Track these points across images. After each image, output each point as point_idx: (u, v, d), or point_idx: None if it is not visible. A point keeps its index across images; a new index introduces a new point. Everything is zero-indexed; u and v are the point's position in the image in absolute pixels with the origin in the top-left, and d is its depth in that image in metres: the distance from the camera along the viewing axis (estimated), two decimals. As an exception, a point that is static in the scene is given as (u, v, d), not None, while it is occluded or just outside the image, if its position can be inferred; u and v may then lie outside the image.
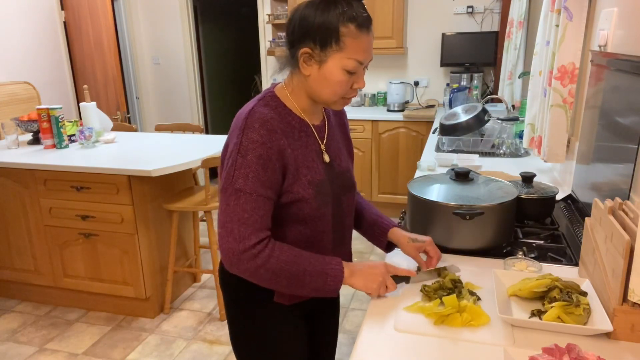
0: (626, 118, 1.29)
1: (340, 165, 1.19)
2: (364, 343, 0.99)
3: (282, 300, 1.17)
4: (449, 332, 1.01)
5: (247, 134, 1.01)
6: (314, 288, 1.06)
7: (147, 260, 2.67)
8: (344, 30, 0.99)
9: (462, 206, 1.30)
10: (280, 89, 1.12)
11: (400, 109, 4.15)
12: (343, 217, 1.21)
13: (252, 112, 1.04)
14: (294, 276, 1.03)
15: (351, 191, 1.23)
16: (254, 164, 1.00)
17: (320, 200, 1.10)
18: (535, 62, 2.11)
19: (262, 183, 1.01)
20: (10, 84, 3.63)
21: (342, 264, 1.08)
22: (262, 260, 1.01)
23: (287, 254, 1.04)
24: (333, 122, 1.23)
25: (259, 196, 1.01)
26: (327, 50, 1.01)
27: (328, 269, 1.06)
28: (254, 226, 1.00)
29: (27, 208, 2.76)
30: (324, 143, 1.16)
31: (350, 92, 1.07)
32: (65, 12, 4.16)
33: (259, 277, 1.03)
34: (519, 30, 3.26)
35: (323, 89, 1.05)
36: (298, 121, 1.10)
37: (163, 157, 2.61)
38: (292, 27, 1.05)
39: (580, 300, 1.01)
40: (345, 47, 1.00)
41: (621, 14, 1.45)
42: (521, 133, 2.55)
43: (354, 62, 1.02)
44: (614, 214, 1.06)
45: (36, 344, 2.58)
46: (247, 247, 1.00)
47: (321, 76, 1.04)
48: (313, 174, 1.10)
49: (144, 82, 5.12)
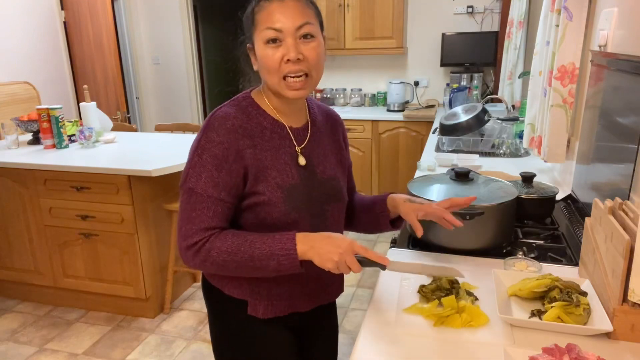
0: (626, 118, 1.29)
1: (323, 172, 1.14)
2: (364, 344, 0.99)
3: (255, 313, 1.13)
4: (449, 333, 1.01)
5: (206, 134, 1.01)
6: (272, 270, 1.00)
7: (147, 260, 2.67)
8: (256, 9, 1.02)
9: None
10: (256, 92, 1.12)
11: (400, 109, 4.15)
12: (326, 227, 1.14)
13: (216, 113, 1.05)
14: (242, 264, 1.00)
15: (337, 201, 1.17)
16: (209, 164, 1.00)
17: (290, 205, 1.06)
18: (535, 62, 2.11)
19: (215, 184, 1.00)
20: (10, 84, 3.63)
21: (294, 240, 0.99)
22: (203, 256, 1.00)
23: (229, 243, 1.00)
24: (321, 128, 1.18)
25: (209, 197, 1.00)
26: (252, 35, 1.04)
27: (277, 249, 0.98)
28: (200, 225, 1.00)
29: (27, 208, 2.76)
30: (303, 146, 1.12)
31: (285, 67, 1.00)
32: (65, 12, 4.16)
33: (208, 270, 1.05)
34: (519, 30, 3.26)
35: (265, 74, 1.04)
36: (271, 122, 1.08)
37: (163, 157, 2.61)
38: None
39: (580, 300, 1.01)
40: (259, 22, 1.01)
41: (621, 14, 1.45)
42: (521, 133, 2.55)
43: (268, 30, 1.00)
44: (614, 214, 1.05)
45: (36, 344, 2.58)
46: (189, 244, 1.01)
47: (259, 63, 1.04)
48: (283, 177, 1.06)
49: (144, 82, 5.12)
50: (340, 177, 1.19)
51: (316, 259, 0.98)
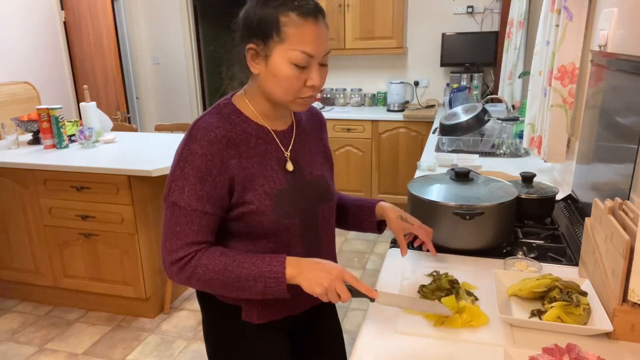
0: (626, 118, 1.29)
1: (311, 173, 1.11)
2: (364, 344, 0.99)
3: (249, 318, 1.11)
4: (449, 333, 1.01)
5: (188, 145, 0.98)
6: (258, 292, 0.98)
7: (147, 260, 2.67)
8: (284, 20, 0.93)
9: (462, 206, 1.30)
10: (238, 96, 1.08)
11: (400, 109, 4.15)
12: (317, 229, 1.13)
13: (197, 123, 1.01)
14: (228, 283, 0.98)
15: (327, 201, 1.14)
16: (192, 177, 0.97)
17: (281, 212, 1.03)
18: (535, 62, 2.11)
19: (199, 197, 0.97)
20: (10, 84, 3.63)
21: (284, 264, 0.97)
22: (188, 272, 0.98)
23: (217, 260, 0.98)
24: (306, 127, 1.16)
25: (192, 210, 0.97)
26: (269, 43, 0.95)
27: (266, 272, 0.97)
28: (184, 240, 0.98)
29: (27, 208, 2.76)
30: (289, 150, 1.09)
31: (305, 90, 0.98)
32: (65, 12, 4.16)
33: (194, 287, 1.02)
34: (519, 30, 3.27)
35: (274, 87, 0.98)
36: (255, 128, 1.04)
37: (163, 157, 2.61)
38: (237, 25, 1.01)
39: (580, 300, 1.01)
40: (288, 38, 0.93)
41: (621, 14, 1.45)
42: (521, 133, 2.55)
43: (300, 54, 0.94)
44: (614, 214, 1.06)
45: (36, 344, 2.58)
46: (174, 260, 0.98)
47: (269, 73, 0.97)
48: (270, 184, 1.03)
49: (144, 82, 5.12)
50: (328, 176, 1.18)
51: (305, 284, 0.96)
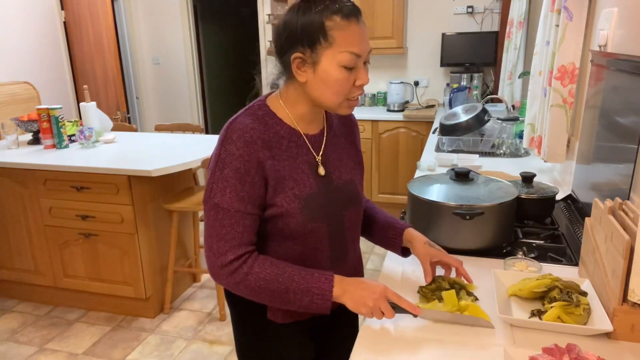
0: (626, 118, 1.29)
1: (340, 177, 1.12)
2: (363, 344, 0.99)
3: (274, 318, 1.12)
4: (449, 333, 1.01)
5: (225, 147, 0.99)
6: (301, 306, 1.00)
7: (147, 260, 2.67)
8: (329, 24, 0.94)
9: (462, 206, 1.30)
10: (273, 98, 1.08)
11: (400, 109, 4.15)
12: (344, 233, 1.13)
13: (232, 123, 1.01)
14: (276, 294, 0.99)
15: (355, 205, 1.15)
16: (232, 178, 0.97)
17: (308, 215, 1.04)
18: (535, 62, 2.11)
19: (241, 198, 0.98)
20: (10, 84, 3.63)
21: (332, 282, 1.00)
22: (240, 277, 0.99)
23: (269, 270, 0.99)
24: (337, 131, 1.16)
25: (236, 212, 0.98)
26: (317, 49, 0.95)
27: (314, 287, 0.99)
28: (232, 242, 0.98)
29: (27, 208, 2.76)
30: (320, 154, 1.09)
31: (354, 90, 1.00)
32: (65, 12, 4.16)
33: (240, 292, 1.02)
34: (519, 30, 3.27)
35: (324, 92, 0.99)
36: (288, 131, 1.05)
37: (163, 157, 2.61)
38: (277, 35, 1.00)
39: (581, 300, 1.01)
40: (335, 41, 0.94)
41: (621, 14, 1.45)
42: (521, 133, 2.55)
43: (349, 54, 0.95)
44: (614, 214, 1.05)
45: (36, 344, 2.58)
46: (224, 263, 0.98)
47: (318, 79, 0.98)
48: (301, 187, 1.04)
49: (144, 82, 5.12)
50: (357, 181, 1.17)
51: (350, 304, 0.99)
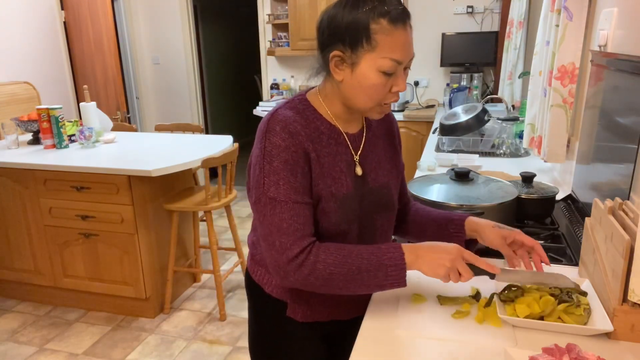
0: (626, 118, 1.29)
1: (375, 180, 1.09)
2: (364, 343, 0.99)
3: (294, 315, 1.11)
4: (450, 333, 1.00)
5: (269, 139, 0.95)
6: (377, 284, 0.96)
7: (147, 260, 2.67)
8: (375, 27, 0.90)
9: (462, 206, 1.30)
10: (312, 94, 1.05)
11: (400, 109, 4.15)
12: (373, 238, 1.10)
13: (274, 115, 0.98)
14: (349, 277, 0.95)
15: (388, 211, 1.12)
16: (282, 171, 0.94)
17: (341, 216, 1.01)
18: (535, 62, 2.11)
19: (295, 189, 0.95)
20: (10, 84, 3.63)
21: (401, 249, 0.97)
22: (308, 269, 0.95)
23: (335, 255, 0.95)
24: (376, 132, 1.13)
25: (294, 203, 0.95)
26: (358, 51, 0.92)
27: (385, 259, 0.95)
28: (295, 234, 0.95)
29: (27, 208, 2.76)
30: (359, 154, 1.07)
31: (389, 96, 0.98)
32: (65, 12, 4.16)
33: (312, 286, 0.97)
34: (519, 30, 3.26)
35: (358, 94, 0.96)
36: (328, 127, 1.02)
37: (163, 157, 2.61)
38: (321, 29, 0.97)
39: (581, 301, 1.01)
40: (378, 46, 0.91)
41: (621, 14, 1.45)
42: (521, 133, 2.55)
43: (390, 61, 0.92)
44: (614, 214, 1.05)
45: (36, 344, 2.58)
46: (290, 257, 0.95)
47: (355, 80, 0.95)
48: (338, 186, 1.01)
49: (144, 82, 5.12)
50: (393, 185, 1.14)
51: (425, 268, 0.97)
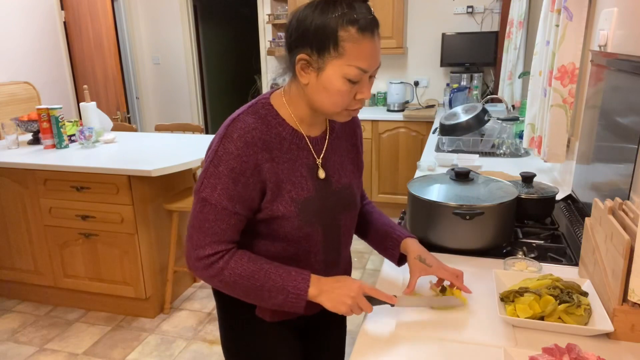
0: (626, 118, 1.29)
1: (339, 181, 1.10)
2: (364, 343, 0.99)
3: (263, 315, 1.12)
4: (449, 333, 1.01)
5: (224, 144, 0.96)
6: (275, 304, 1.00)
7: (147, 260, 2.67)
8: (343, 35, 0.90)
9: (462, 206, 1.30)
10: (276, 96, 1.05)
11: (400, 109, 4.15)
12: (338, 237, 1.12)
13: (235, 121, 0.99)
14: (250, 290, 0.99)
15: (351, 210, 1.14)
16: (225, 176, 0.96)
17: (304, 219, 1.03)
18: (535, 62, 2.11)
19: (230, 197, 0.96)
20: (10, 84, 3.63)
21: (308, 281, 1.00)
22: (214, 272, 0.99)
23: (245, 267, 0.99)
24: (339, 133, 1.14)
25: (223, 209, 0.97)
26: (325, 56, 0.92)
27: (290, 286, 0.98)
28: (212, 237, 0.98)
29: (27, 208, 2.76)
30: (321, 157, 1.07)
31: (354, 102, 0.98)
32: (65, 12, 4.16)
33: (216, 286, 1.03)
34: (519, 30, 3.26)
35: (323, 99, 0.96)
36: (290, 132, 1.02)
37: (163, 157, 2.61)
38: (289, 30, 0.97)
39: (581, 301, 1.01)
40: (345, 53, 0.91)
41: (621, 14, 1.45)
42: (521, 133, 2.55)
43: (356, 69, 0.92)
44: (614, 214, 1.05)
45: (36, 344, 2.58)
46: (201, 256, 0.98)
47: (320, 85, 0.95)
48: (298, 191, 1.02)
49: (144, 82, 5.12)
50: (355, 185, 1.15)
51: (328, 304, 0.99)
